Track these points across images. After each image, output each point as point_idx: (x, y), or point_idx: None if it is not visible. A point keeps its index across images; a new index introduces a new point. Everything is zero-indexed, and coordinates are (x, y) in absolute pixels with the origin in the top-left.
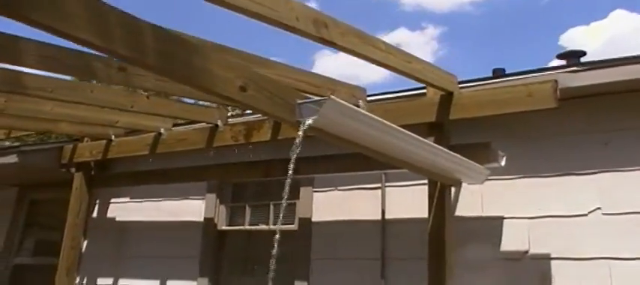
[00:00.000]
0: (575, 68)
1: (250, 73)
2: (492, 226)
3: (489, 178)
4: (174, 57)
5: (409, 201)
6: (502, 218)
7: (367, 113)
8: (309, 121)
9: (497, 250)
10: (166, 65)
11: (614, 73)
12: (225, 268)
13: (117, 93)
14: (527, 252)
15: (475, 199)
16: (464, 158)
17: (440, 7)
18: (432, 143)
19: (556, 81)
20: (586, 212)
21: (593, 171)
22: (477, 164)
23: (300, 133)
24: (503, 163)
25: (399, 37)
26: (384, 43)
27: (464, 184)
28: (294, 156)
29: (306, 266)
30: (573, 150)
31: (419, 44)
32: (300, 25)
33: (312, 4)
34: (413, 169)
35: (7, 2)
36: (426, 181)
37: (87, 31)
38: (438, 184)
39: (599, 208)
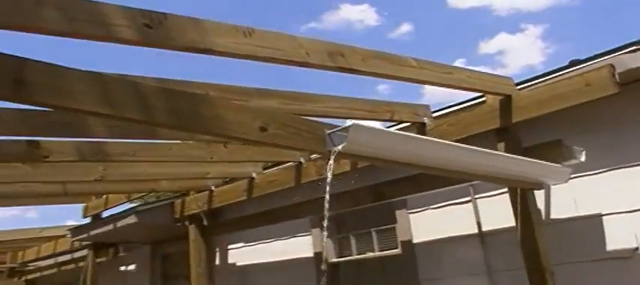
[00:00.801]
0: (635, 48)
1: (270, 113)
2: (592, 225)
3: (578, 174)
4: (182, 112)
5: (502, 210)
6: (600, 215)
7: (399, 132)
8: (339, 148)
9: (602, 250)
10: (176, 121)
11: None
12: None
13: (193, 147)
14: (637, 249)
15: (567, 199)
16: (534, 160)
17: (535, 5)
18: (489, 151)
19: (612, 65)
20: None
21: None
22: (553, 164)
23: (331, 162)
24: (583, 158)
25: (501, 43)
26: (415, 59)
27: (553, 186)
28: (328, 186)
29: None
30: None
31: (524, 46)
32: (312, 59)
33: (406, 27)
34: (485, 180)
35: (17, 90)
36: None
37: (93, 103)
38: (518, 189)
39: None
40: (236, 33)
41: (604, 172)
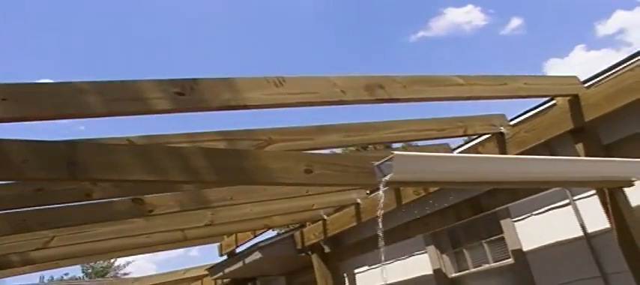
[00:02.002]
0: None
1: (314, 156)
2: None
3: None
4: (226, 168)
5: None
6: None
7: (443, 154)
8: (387, 178)
9: None
10: (222, 177)
11: None
12: None
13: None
14: None
15: None
16: (606, 159)
17: None
18: (551, 158)
19: None
20: None
21: None
22: (633, 159)
23: (381, 192)
24: None
25: (619, 22)
26: (462, 77)
27: None
28: (381, 213)
29: None
30: None
31: None
32: (348, 96)
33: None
34: (565, 186)
35: (72, 171)
36: None
37: (140, 173)
38: (606, 190)
39: None
40: (267, 85)
41: None
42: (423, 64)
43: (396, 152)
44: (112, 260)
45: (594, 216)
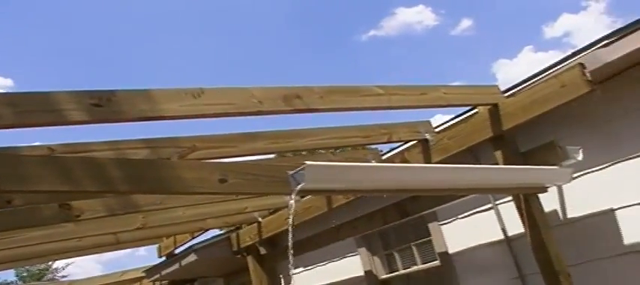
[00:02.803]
0: (608, 40)
1: (228, 166)
2: (606, 221)
3: (588, 171)
4: (142, 178)
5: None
6: (612, 210)
7: (355, 164)
8: (298, 188)
9: (619, 244)
10: (136, 187)
11: None
12: None
13: None
14: None
15: (580, 197)
16: (524, 166)
17: None
18: (466, 166)
19: (582, 64)
20: None
21: None
22: (550, 167)
23: (292, 201)
24: (580, 157)
25: (566, 24)
26: (382, 87)
27: (566, 186)
28: (291, 221)
29: None
30: None
31: (590, 23)
32: (265, 107)
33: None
34: (481, 193)
35: None
36: None
37: (51, 184)
38: (521, 196)
39: None
40: (185, 96)
41: (611, 165)
42: (375, 64)
43: (308, 162)
44: (50, 263)
45: (515, 220)
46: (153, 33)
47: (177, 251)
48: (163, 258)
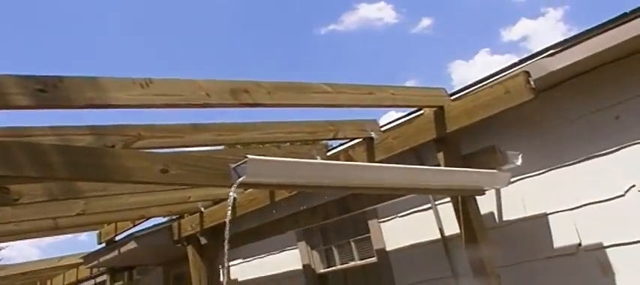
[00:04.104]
0: (554, 50)
1: (171, 156)
2: (539, 225)
3: (524, 176)
4: (82, 165)
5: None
6: (546, 215)
7: (297, 160)
8: (239, 181)
9: (549, 248)
10: (76, 174)
11: (598, 42)
12: None
13: None
14: (580, 245)
15: (516, 200)
16: (463, 169)
17: None
18: (407, 166)
19: (526, 72)
20: (623, 192)
21: (613, 149)
22: (485, 170)
23: (231, 192)
24: (519, 162)
25: (523, 29)
26: (330, 84)
27: (503, 189)
28: (229, 214)
29: None
30: (589, 131)
31: (547, 30)
32: (213, 99)
33: (426, 22)
34: (422, 193)
35: None
36: None
37: None
38: (459, 197)
39: (634, 186)
40: (133, 86)
41: (547, 171)
42: (332, 58)
43: (250, 156)
44: None
45: (452, 220)
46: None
47: (117, 238)
48: (103, 245)
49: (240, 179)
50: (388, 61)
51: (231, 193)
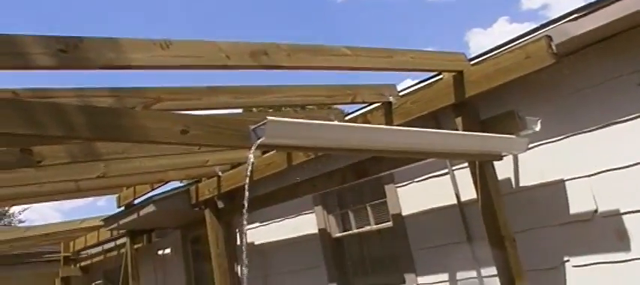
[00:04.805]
0: (577, 15)
1: (191, 117)
2: (556, 191)
3: (543, 142)
4: (103, 126)
5: None
6: (563, 181)
7: (315, 122)
8: (258, 142)
9: (565, 214)
10: (98, 134)
11: (620, 8)
12: (350, 271)
13: None
14: (596, 211)
15: (533, 166)
16: (482, 134)
17: None
18: (426, 130)
19: (548, 36)
20: None
21: (633, 116)
22: (504, 136)
23: (251, 155)
24: (538, 127)
25: None
26: (349, 48)
27: (521, 155)
28: (249, 174)
29: (409, 258)
30: (609, 98)
31: None
32: (232, 61)
33: None
34: (439, 157)
35: None
36: None
37: (18, 126)
38: (477, 162)
39: None
40: (152, 47)
41: (565, 138)
42: (348, 27)
43: (269, 117)
44: (6, 208)
45: (468, 186)
46: None
47: (136, 202)
48: (122, 208)
49: (260, 140)
50: (405, 29)
51: (250, 155)
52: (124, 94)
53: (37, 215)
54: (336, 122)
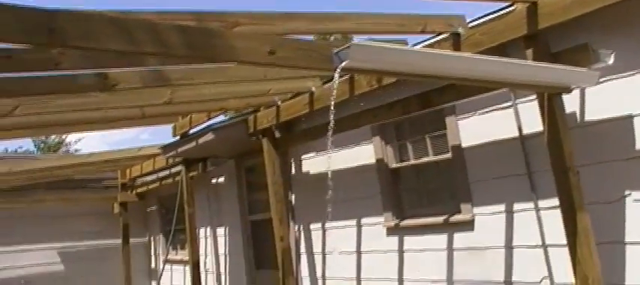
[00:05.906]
0: None
1: (278, 39)
2: (622, 126)
3: (612, 77)
4: (196, 45)
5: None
6: (631, 116)
7: (396, 47)
8: (342, 65)
9: (632, 148)
10: (191, 52)
11: None
12: (405, 201)
13: (246, 68)
14: None
15: (601, 100)
16: (553, 65)
17: None
18: (500, 59)
19: None
20: None
21: None
22: (577, 68)
23: (336, 75)
24: (611, 61)
25: None
26: None
27: (589, 89)
28: (333, 101)
29: (466, 189)
30: None
31: None
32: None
33: None
34: (511, 87)
35: (51, 37)
36: None
37: (117, 43)
38: (545, 94)
39: None
40: None
41: (636, 73)
42: None
43: (354, 41)
44: (64, 136)
45: (531, 119)
46: None
47: (191, 132)
48: (176, 138)
49: (343, 64)
50: None
51: (336, 75)
52: (205, 17)
53: (86, 147)
54: (416, 48)
